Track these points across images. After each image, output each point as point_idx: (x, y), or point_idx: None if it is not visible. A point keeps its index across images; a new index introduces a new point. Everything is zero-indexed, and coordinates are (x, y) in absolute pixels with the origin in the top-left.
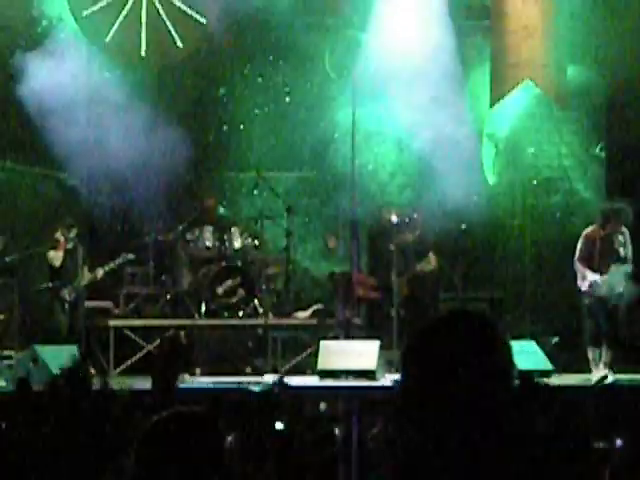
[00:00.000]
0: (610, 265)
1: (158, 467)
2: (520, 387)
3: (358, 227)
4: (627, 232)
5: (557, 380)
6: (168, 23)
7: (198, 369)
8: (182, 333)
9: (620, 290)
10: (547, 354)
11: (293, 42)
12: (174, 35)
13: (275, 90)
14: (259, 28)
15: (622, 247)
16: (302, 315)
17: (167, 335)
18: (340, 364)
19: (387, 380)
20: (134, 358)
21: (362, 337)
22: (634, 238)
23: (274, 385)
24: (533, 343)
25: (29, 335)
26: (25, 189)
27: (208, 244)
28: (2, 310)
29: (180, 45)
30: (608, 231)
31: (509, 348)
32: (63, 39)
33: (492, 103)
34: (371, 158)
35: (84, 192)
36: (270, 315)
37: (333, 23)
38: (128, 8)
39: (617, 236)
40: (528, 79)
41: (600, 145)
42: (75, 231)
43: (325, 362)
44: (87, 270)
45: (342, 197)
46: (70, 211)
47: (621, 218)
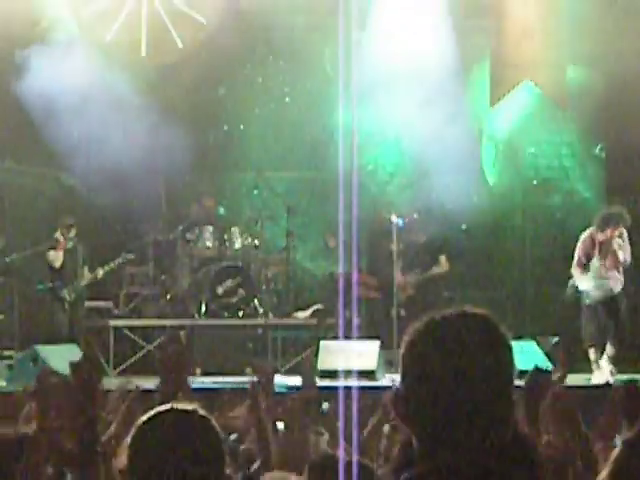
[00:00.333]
0: (608, 269)
1: (151, 461)
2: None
3: (358, 227)
4: (625, 232)
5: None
6: (168, 23)
7: (198, 369)
8: (182, 333)
9: (619, 289)
10: (547, 354)
11: (293, 42)
12: (174, 35)
13: (275, 90)
14: (259, 28)
15: (621, 250)
16: (302, 315)
17: (169, 334)
18: (340, 364)
19: (387, 380)
20: (134, 358)
21: (362, 337)
22: (634, 238)
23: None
24: (533, 343)
25: (29, 335)
26: (25, 189)
27: (208, 244)
28: (2, 310)
29: (180, 45)
30: (607, 235)
31: (510, 348)
32: (63, 39)
33: (492, 103)
34: (371, 158)
35: (84, 192)
36: (270, 315)
37: (333, 23)
38: (128, 8)
39: (616, 239)
40: (528, 79)
41: (600, 145)
42: (75, 231)
43: (325, 362)
44: (87, 270)
45: (342, 197)
46: (70, 211)
47: (619, 223)
